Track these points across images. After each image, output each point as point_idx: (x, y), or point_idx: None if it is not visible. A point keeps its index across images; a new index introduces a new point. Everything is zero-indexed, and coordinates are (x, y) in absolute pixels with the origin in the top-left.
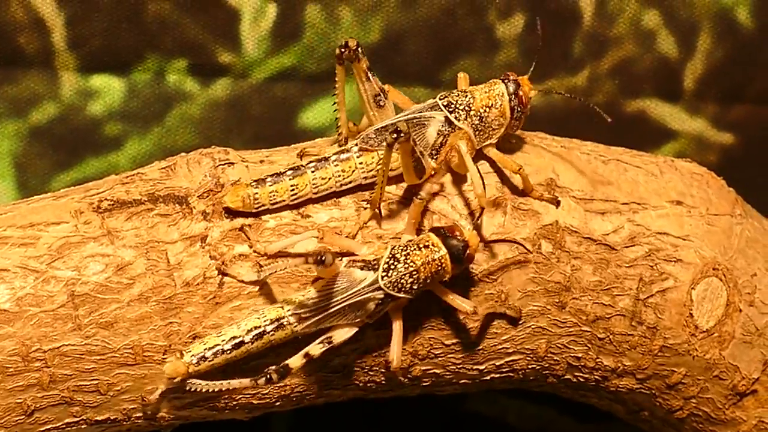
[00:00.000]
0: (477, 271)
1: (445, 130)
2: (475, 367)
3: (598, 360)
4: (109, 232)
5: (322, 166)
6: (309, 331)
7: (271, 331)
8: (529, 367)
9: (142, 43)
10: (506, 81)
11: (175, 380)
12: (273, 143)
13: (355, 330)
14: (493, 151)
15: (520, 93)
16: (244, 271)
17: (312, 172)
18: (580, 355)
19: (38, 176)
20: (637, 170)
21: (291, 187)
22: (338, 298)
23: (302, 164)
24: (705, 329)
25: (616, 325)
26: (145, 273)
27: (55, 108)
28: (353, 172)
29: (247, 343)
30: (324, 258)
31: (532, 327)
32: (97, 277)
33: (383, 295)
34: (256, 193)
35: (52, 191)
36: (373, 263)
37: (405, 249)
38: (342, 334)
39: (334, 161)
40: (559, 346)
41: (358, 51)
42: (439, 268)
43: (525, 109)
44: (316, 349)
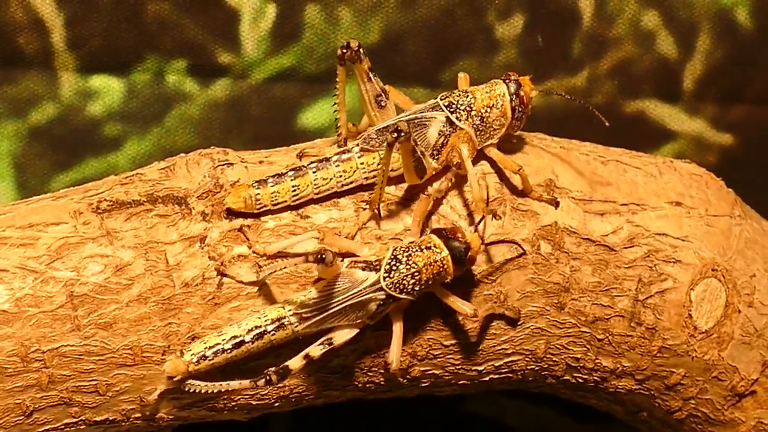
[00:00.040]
0: (476, 272)
1: (447, 130)
2: (474, 368)
3: (597, 361)
4: (108, 233)
5: (323, 166)
6: (310, 332)
7: (272, 331)
8: (528, 367)
9: (142, 43)
10: (507, 81)
11: (175, 379)
12: (272, 144)
13: (356, 331)
14: (494, 151)
15: (522, 93)
16: (243, 272)
17: (313, 173)
18: (579, 356)
19: (37, 177)
20: (636, 171)
21: (292, 187)
22: (340, 298)
23: (303, 165)
24: (704, 330)
25: (615, 326)
26: (144, 274)
27: (54, 108)
28: (354, 172)
29: (248, 343)
30: (324, 256)
31: (531, 328)
32: (96, 278)
33: (385, 296)
34: (258, 194)
35: (52, 192)
36: (375, 264)
37: (407, 250)
38: (343, 335)
39: (336, 162)
40: (558, 347)
41: (360, 52)
42: (441, 269)
43: (526, 110)
44: (317, 351)
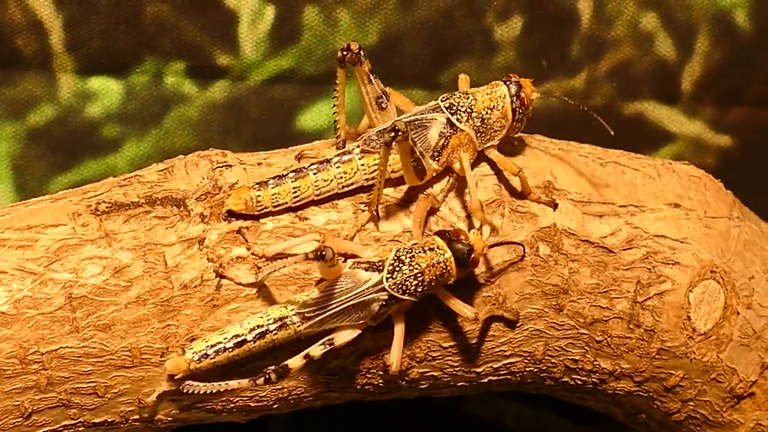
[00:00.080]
0: (475, 274)
1: (447, 131)
2: (473, 370)
3: (596, 363)
4: (107, 235)
5: (324, 168)
6: (312, 332)
7: (274, 330)
8: (527, 369)
9: (140, 45)
10: (508, 83)
11: (177, 377)
12: (271, 145)
13: (358, 332)
14: (494, 153)
15: (522, 95)
16: (242, 274)
17: (314, 174)
18: (578, 358)
19: (36, 178)
20: (634, 173)
21: (293, 189)
22: (342, 298)
23: (304, 166)
24: (702, 332)
25: (614, 328)
26: (143, 275)
27: (53, 110)
28: (355, 173)
29: (250, 342)
30: (324, 253)
31: (530, 330)
32: (95, 280)
33: (387, 297)
34: (259, 196)
35: (50, 193)
36: (378, 265)
37: (410, 251)
38: (344, 336)
39: (336, 163)
40: (557, 348)
41: (361, 54)
42: (444, 271)
43: (527, 111)
44: (317, 350)
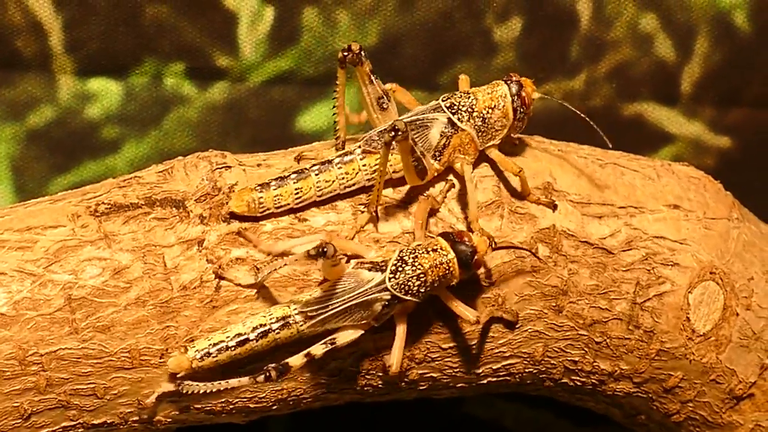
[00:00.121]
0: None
1: (448, 131)
2: (472, 371)
3: (595, 364)
4: (106, 236)
5: (325, 168)
6: (314, 331)
7: (277, 329)
8: (526, 370)
9: (140, 46)
10: (509, 82)
11: (179, 375)
12: (270, 147)
13: (361, 332)
14: (495, 153)
15: (523, 94)
16: (241, 275)
17: (316, 175)
18: (577, 359)
19: (35, 179)
20: (634, 174)
21: (295, 190)
22: (345, 297)
23: (306, 167)
24: (702, 333)
25: (613, 329)
26: (142, 277)
27: (52, 111)
28: (357, 174)
29: (252, 341)
30: (326, 249)
31: (529, 331)
32: (94, 281)
33: (390, 297)
34: (261, 198)
35: (50, 195)
36: (381, 265)
37: (413, 252)
38: (346, 336)
39: (338, 164)
40: (556, 349)
41: (362, 54)
42: (447, 272)
43: (528, 111)
44: (319, 349)
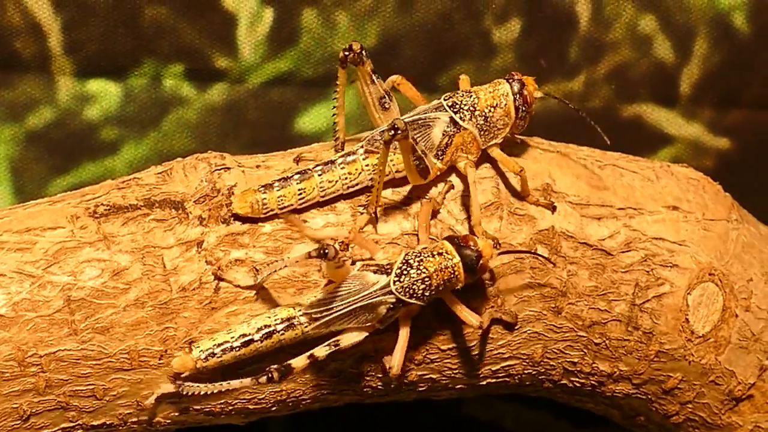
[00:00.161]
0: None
1: (451, 130)
2: (471, 372)
3: (594, 365)
4: (106, 237)
5: (328, 169)
6: (319, 333)
7: (281, 331)
8: (525, 372)
9: (139, 47)
10: (511, 81)
11: (183, 375)
12: (269, 148)
13: (365, 335)
14: (497, 151)
15: (525, 93)
16: (240, 276)
17: (319, 176)
18: (576, 360)
19: (35, 181)
20: (633, 175)
21: (298, 191)
22: (350, 299)
23: (309, 168)
24: (701, 334)
25: (612, 330)
26: (141, 278)
27: (51, 112)
28: (360, 174)
29: (256, 342)
30: (327, 251)
31: (528, 332)
32: (93, 282)
33: (395, 300)
34: (264, 198)
35: (49, 196)
36: (387, 267)
37: (419, 255)
38: (350, 338)
39: (341, 164)
40: (555, 351)
41: (363, 54)
42: (452, 276)
43: (530, 109)
44: (322, 351)
